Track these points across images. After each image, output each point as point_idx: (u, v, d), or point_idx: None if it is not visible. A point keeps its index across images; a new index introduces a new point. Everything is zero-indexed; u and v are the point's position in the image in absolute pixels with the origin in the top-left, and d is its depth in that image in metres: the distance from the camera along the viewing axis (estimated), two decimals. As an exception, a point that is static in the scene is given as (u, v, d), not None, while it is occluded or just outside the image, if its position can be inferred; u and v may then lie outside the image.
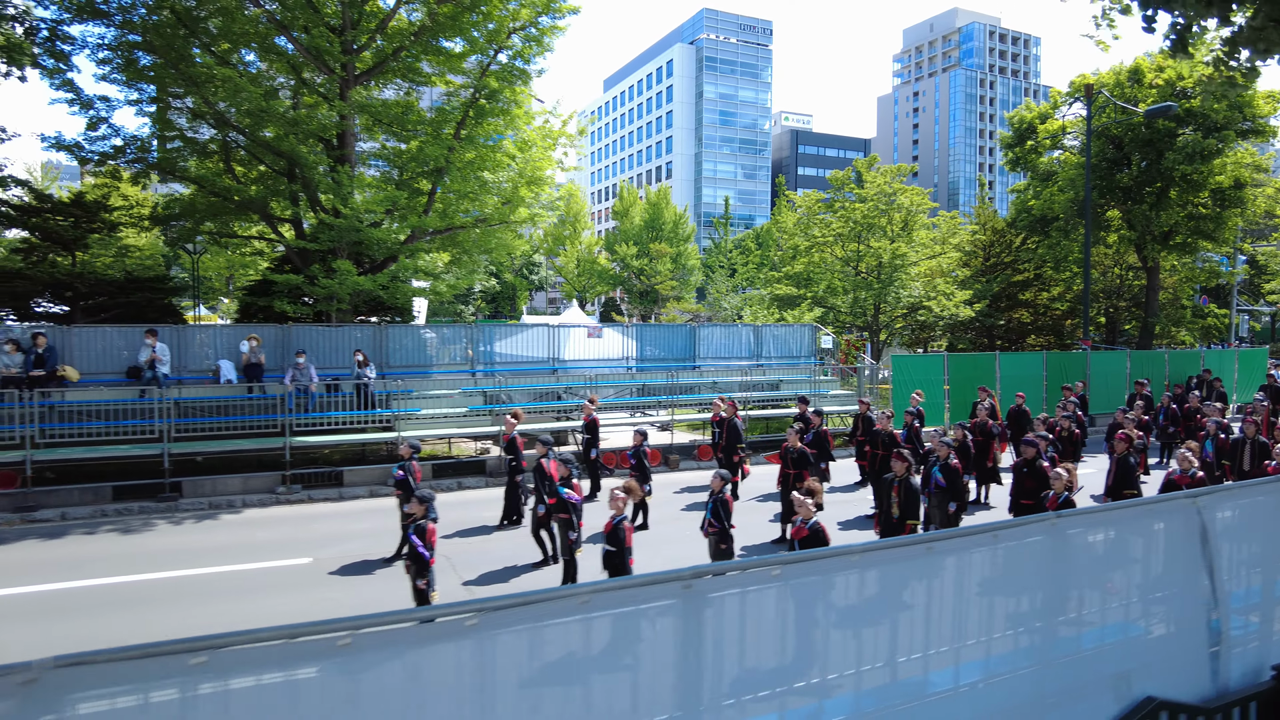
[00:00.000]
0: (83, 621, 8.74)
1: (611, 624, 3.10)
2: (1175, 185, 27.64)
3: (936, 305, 28.28)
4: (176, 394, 14.73)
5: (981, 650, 3.79)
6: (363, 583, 10.25)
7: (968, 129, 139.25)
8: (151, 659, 2.45)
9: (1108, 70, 29.37)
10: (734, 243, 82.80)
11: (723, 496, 9.85)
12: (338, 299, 17.71)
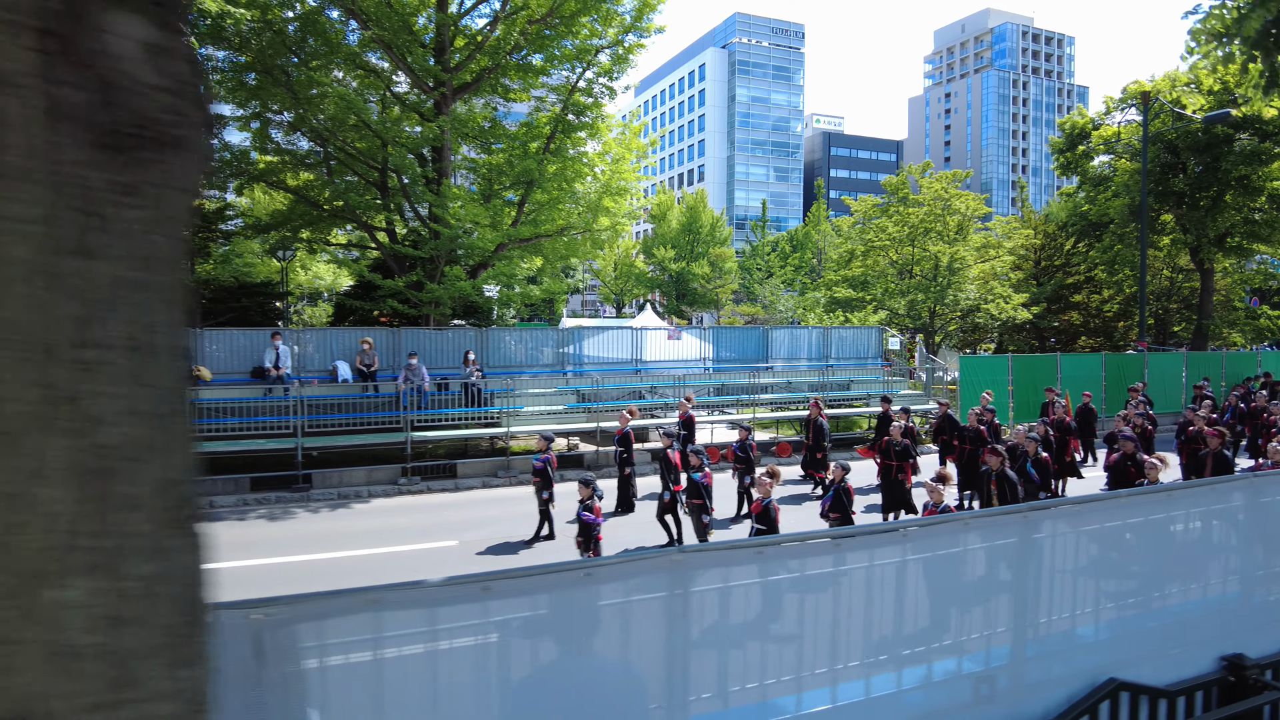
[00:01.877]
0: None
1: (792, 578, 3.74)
2: (1231, 189, 28.09)
3: (994, 308, 28.95)
4: (304, 392, 15.87)
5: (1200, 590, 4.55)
6: (513, 560, 11.25)
7: (1000, 130, 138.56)
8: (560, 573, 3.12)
9: (1162, 76, 29.87)
10: (769, 245, 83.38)
11: (844, 485, 10.75)
12: (441, 303, 18.83)
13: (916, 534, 3.49)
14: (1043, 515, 3.77)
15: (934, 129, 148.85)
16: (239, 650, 2.23)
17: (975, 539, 3.57)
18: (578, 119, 19.93)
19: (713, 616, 3.06)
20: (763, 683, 3.08)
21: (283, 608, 2.36)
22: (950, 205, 30.40)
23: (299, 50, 18.93)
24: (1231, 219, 28.43)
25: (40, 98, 0.84)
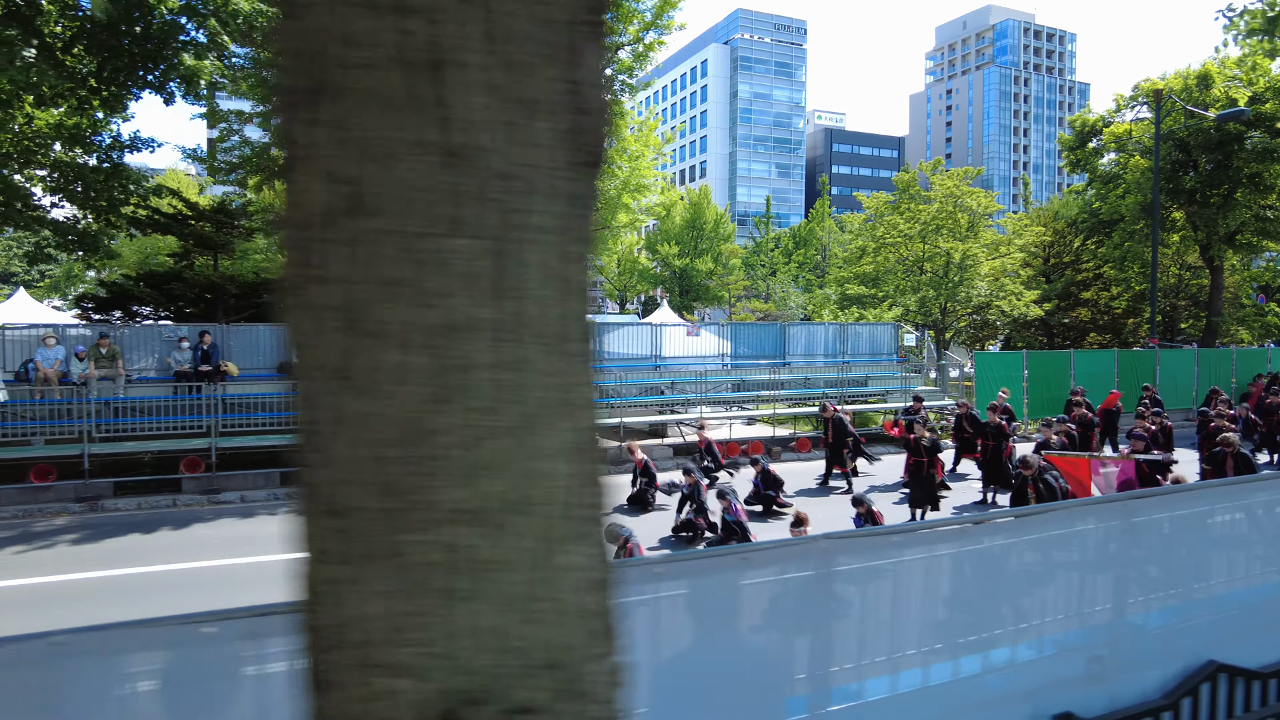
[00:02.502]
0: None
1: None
2: (1243, 186, 28.26)
3: (1006, 304, 29.12)
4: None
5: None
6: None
7: (1001, 126, 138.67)
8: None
9: (1174, 74, 30.02)
10: (772, 241, 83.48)
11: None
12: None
13: (1030, 521, 3.64)
14: (1140, 503, 3.92)
15: (935, 125, 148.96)
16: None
17: (1091, 522, 3.73)
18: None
19: (851, 596, 3.22)
20: (890, 656, 3.23)
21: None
22: (962, 202, 30.55)
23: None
24: (1242, 216, 28.61)
25: (564, 121, 0.96)
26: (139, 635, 2.15)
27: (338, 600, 0.94)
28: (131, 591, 9.65)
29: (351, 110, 0.91)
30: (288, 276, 0.99)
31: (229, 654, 2.25)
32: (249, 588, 9.77)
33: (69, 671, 2.06)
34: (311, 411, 0.96)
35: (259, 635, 2.27)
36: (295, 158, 0.97)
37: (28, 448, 14.22)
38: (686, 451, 18.72)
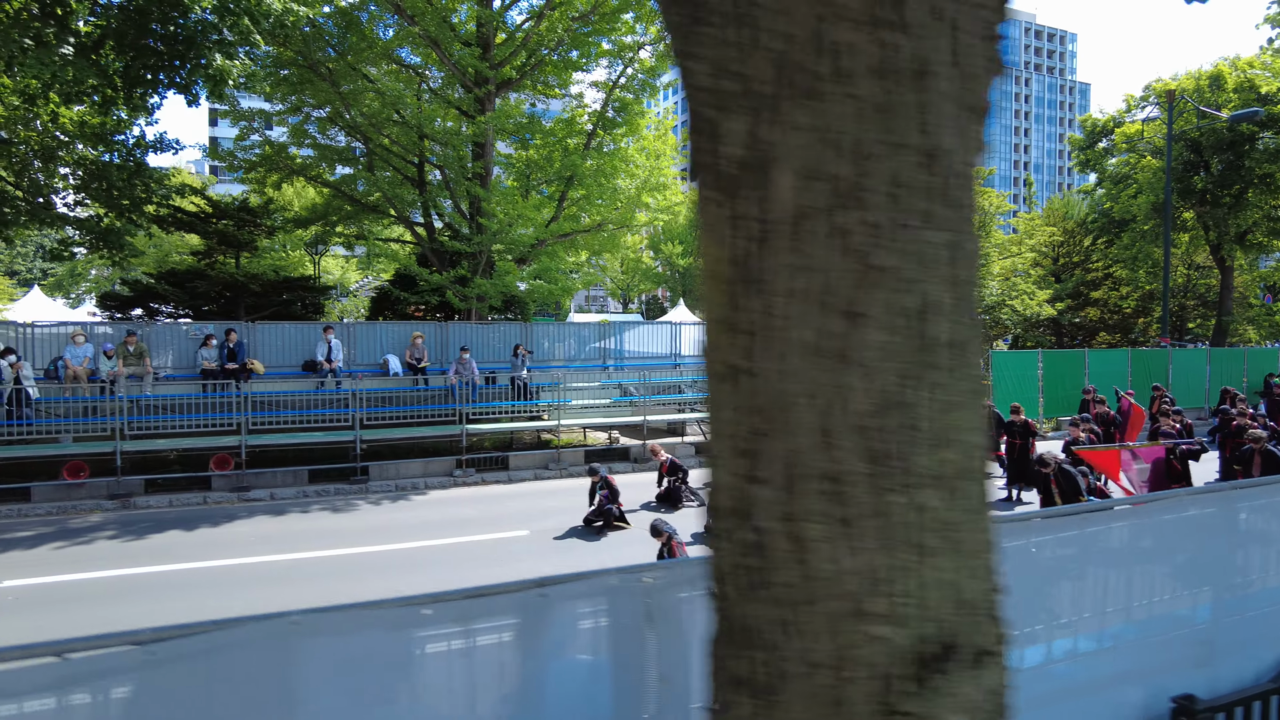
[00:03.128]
0: (410, 577, 10.03)
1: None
2: (1254, 187, 28.44)
3: (1019, 304, 29.26)
4: (361, 386, 16.06)
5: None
6: (589, 548, 11.49)
7: (1003, 126, 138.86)
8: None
9: (1185, 75, 30.19)
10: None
11: None
12: (487, 297, 19.03)
13: (1148, 508, 3.76)
14: (1241, 494, 4.03)
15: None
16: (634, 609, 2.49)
17: (1193, 509, 3.84)
18: (619, 116, 20.10)
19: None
20: (1021, 630, 3.36)
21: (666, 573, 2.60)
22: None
23: (339, 45, 19.07)
24: (1254, 216, 28.81)
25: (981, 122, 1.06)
26: (364, 616, 2.25)
27: (814, 556, 1.03)
28: (192, 586, 9.73)
29: (829, 113, 1.01)
30: (744, 265, 1.08)
31: (441, 635, 2.35)
32: (301, 583, 9.88)
33: (302, 650, 2.16)
34: (782, 384, 1.05)
35: (468, 617, 2.37)
36: (764, 157, 1.06)
37: (57, 445, 14.30)
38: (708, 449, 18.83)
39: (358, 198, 21.61)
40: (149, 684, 2.01)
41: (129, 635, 2.07)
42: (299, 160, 21.44)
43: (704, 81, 1.14)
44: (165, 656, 2.02)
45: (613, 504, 12.64)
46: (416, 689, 2.34)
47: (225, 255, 20.39)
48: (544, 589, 2.51)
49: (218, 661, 2.07)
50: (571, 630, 2.54)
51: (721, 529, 1.18)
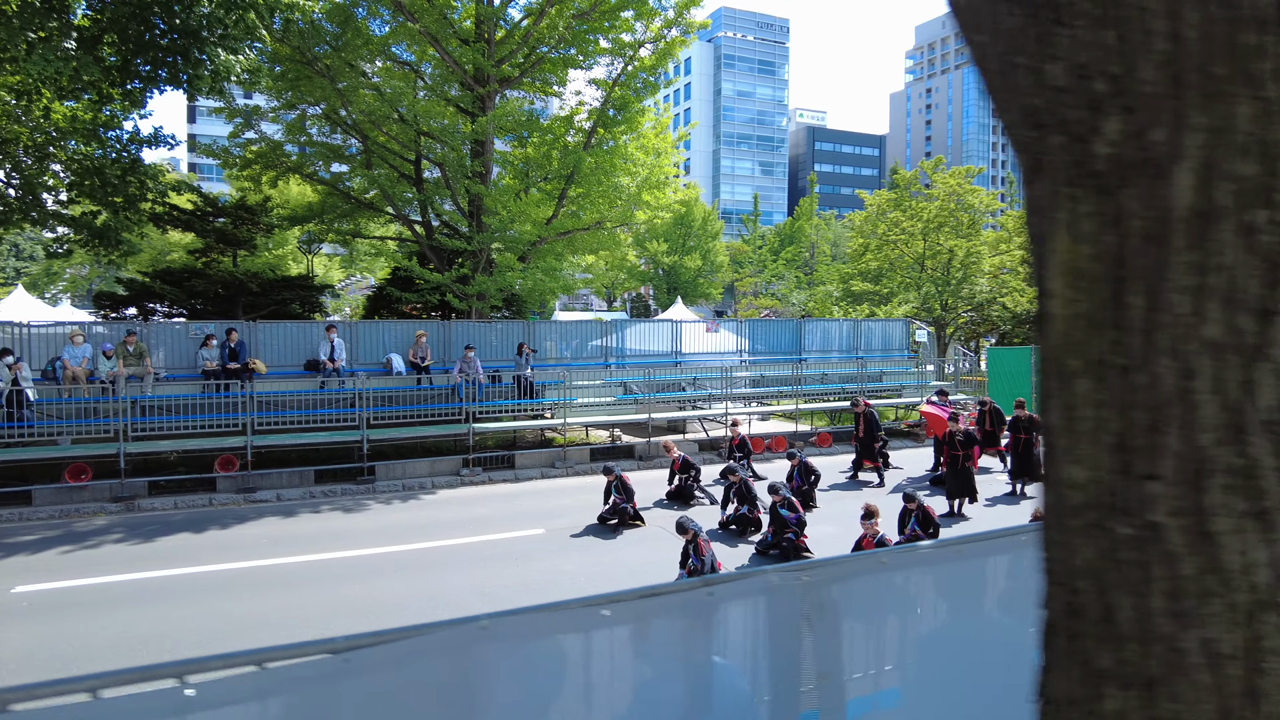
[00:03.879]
0: (433, 577, 9.96)
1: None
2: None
3: (1010, 301, 29.61)
4: (368, 385, 15.91)
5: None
6: (606, 546, 11.47)
7: (980, 125, 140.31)
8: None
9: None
10: (759, 238, 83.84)
11: (924, 507, 11.17)
12: (488, 295, 18.93)
13: None
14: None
15: (915, 124, 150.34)
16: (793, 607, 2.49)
17: None
18: (619, 114, 20.06)
19: None
20: None
21: (823, 570, 2.59)
22: (963, 200, 31.03)
23: (335, 41, 18.85)
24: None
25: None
26: (547, 619, 2.22)
27: (1221, 549, 1.04)
28: (212, 589, 9.60)
29: (1232, 115, 1.01)
30: (1126, 262, 1.08)
31: (619, 636, 2.34)
32: (327, 585, 9.79)
33: (490, 654, 2.13)
34: (1182, 380, 1.05)
35: (642, 617, 2.36)
36: (1154, 156, 1.06)
37: (58, 447, 14.05)
38: (711, 447, 18.88)
39: (354, 195, 21.42)
40: (346, 692, 1.98)
41: (326, 644, 2.04)
42: (294, 157, 21.20)
43: (1062, 82, 1.14)
44: (361, 665, 1.99)
45: (627, 502, 12.63)
46: (594, 688, 2.32)
47: (222, 253, 20.10)
48: (710, 588, 2.50)
49: (409, 668, 2.04)
50: (736, 627, 2.55)
51: (1076, 524, 1.17)
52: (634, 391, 19.32)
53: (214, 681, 1.86)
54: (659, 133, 21.58)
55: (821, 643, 2.50)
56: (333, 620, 8.61)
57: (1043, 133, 1.19)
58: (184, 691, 1.78)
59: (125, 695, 1.78)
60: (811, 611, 2.48)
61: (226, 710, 1.84)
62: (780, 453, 18.63)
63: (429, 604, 9.11)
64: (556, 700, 2.28)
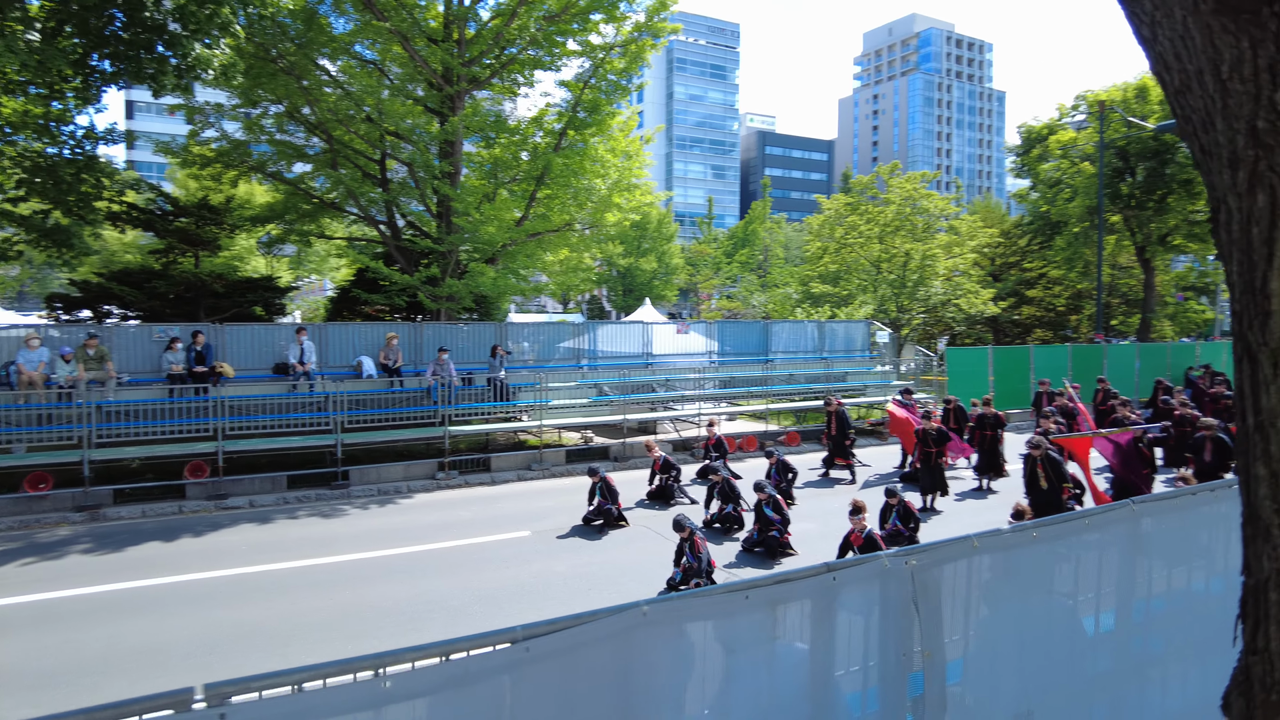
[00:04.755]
0: (426, 581, 9.85)
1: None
2: (1175, 193, 30.40)
3: (964, 303, 30.50)
4: (342, 388, 15.67)
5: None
6: (594, 547, 11.51)
7: (926, 131, 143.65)
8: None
9: (1114, 86, 32.03)
10: (711, 239, 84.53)
11: (904, 503, 11.47)
12: (459, 297, 18.78)
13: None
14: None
15: (863, 130, 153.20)
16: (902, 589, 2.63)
17: None
18: (588, 116, 20.11)
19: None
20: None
21: (926, 554, 2.72)
22: (919, 205, 31.86)
23: (299, 39, 18.48)
24: (1174, 220, 30.79)
25: None
26: (698, 605, 2.31)
27: None
28: (193, 599, 9.37)
29: None
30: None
31: (758, 619, 2.43)
32: (313, 591, 9.65)
33: (651, 638, 2.21)
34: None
35: (776, 601, 2.45)
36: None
37: (13, 455, 13.51)
38: (684, 447, 19.05)
39: (317, 195, 21.03)
40: (528, 678, 2.04)
41: (506, 633, 2.09)
42: (256, 156, 20.71)
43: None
44: (540, 653, 2.05)
45: (612, 504, 12.69)
46: (738, 665, 2.42)
47: (183, 254, 19.50)
48: (833, 573, 2.62)
49: (581, 654, 2.10)
50: (855, 608, 2.67)
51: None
52: (607, 393, 19.38)
53: (406, 674, 1.89)
54: (626, 133, 21.70)
55: (927, 621, 2.64)
56: (335, 627, 8.51)
57: (1269, 151, 1.33)
58: (383, 684, 1.82)
59: (328, 687, 1.81)
60: (919, 593, 2.63)
61: (420, 701, 1.88)
62: (751, 452, 18.90)
63: (427, 608, 9.05)
64: (706, 679, 2.39)
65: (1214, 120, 1.43)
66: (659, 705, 2.31)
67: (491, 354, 17.70)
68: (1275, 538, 1.37)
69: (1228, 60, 1.37)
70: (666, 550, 11.10)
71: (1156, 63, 1.56)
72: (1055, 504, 11.75)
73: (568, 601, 9.24)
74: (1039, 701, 3.00)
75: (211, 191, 20.09)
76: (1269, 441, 1.37)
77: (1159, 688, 3.53)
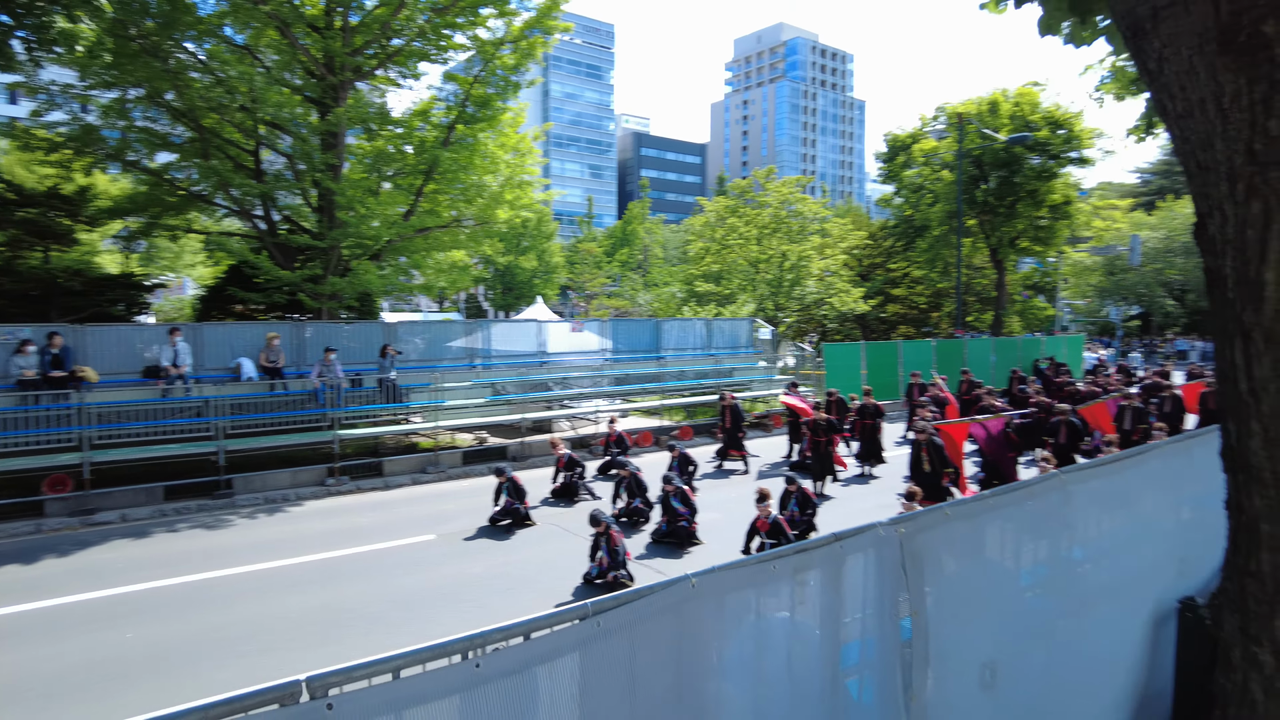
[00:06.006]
0: (337, 588, 9.45)
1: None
2: (1023, 200, 33.32)
3: (838, 301, 32.21)
4: (222, 393, 14.78)
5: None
6: (506, 547, 11.45)
7: (793, 137, 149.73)
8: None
9: (969, 100, 34.70)
10: (590, 238, 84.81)
11: (802, 490, 12.08)
12: (343, 296, 18.08)
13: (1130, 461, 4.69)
14: (1197, 443, 5.10)
15: (734, 134, 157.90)
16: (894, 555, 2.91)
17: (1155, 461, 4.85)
18: (479, 111, 19.84)
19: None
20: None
21: (911, 523, 3.00)
22: (795, 209, 33.39)
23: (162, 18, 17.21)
24: (1022, 224, 33.76)
25: None
26: (736, 575, 2.49)
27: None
28: (77, 623, 8.65)
29: None
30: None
31: (780, 587, 2.62)
32: (210, 605, 9.15)
33: (700, 609, 2.36)
34: None
35: (798, 570, 2.66)
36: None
37: None
38: (581, 445, 19.15)
39: (183, 186, 19.66)
40: (599, 653, 2.14)
41: (578, 610, 2.19)
42: (112, 143, 19.09)
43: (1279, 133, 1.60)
44: (609, 627, 2.15)
45: (520, 503, 12.65)
46: (769, 625, 2.61)
47: (32, 249, 17.65)
48: (840, 542, 2.86)
49: (643, 627, 2.22)
50: (858, 571, 2.92)
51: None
52: (502, 392, 19.20)
53: (495, 654, 1.96)
54: (515, 128, 21.56)
55: (914, 583, 2.95)
56: (245, 641, 8.10)
57: (1264, 168, 1.64)
58: (474, 667, 1.87)
59: (424, 673, 1.85)
60: (908, 558, 2.93)
61: (510, 680, 1.94)
62: (647, 448, 19.26)
63: (341, 616, 8.76)
64: (753, 629, 2.59)
65: (1214, 142, 1.73)
66: (706, 673, 2.48)
67: (381, 354, 17.18)
68: (1266, 480, 1.69)
69: (1228, 93, 1.67)
70: (578, 546, 11.20)
71: (1160, 92, 1.85)
72: (936, 486, 12.72)
73: (487, 603, 9.18)
74: (999, 651, 3.39)
75: (62, 180, 18.33)
76: (1261, 403, 1.69)
77: (1086, 634, 4.02)
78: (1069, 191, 33.74)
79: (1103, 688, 4.11)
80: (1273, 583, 1.71)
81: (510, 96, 20.35)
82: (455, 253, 25.50)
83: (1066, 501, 3.93)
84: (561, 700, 2.07)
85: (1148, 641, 4.34)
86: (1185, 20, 1.71)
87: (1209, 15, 1.67)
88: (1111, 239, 43.55)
